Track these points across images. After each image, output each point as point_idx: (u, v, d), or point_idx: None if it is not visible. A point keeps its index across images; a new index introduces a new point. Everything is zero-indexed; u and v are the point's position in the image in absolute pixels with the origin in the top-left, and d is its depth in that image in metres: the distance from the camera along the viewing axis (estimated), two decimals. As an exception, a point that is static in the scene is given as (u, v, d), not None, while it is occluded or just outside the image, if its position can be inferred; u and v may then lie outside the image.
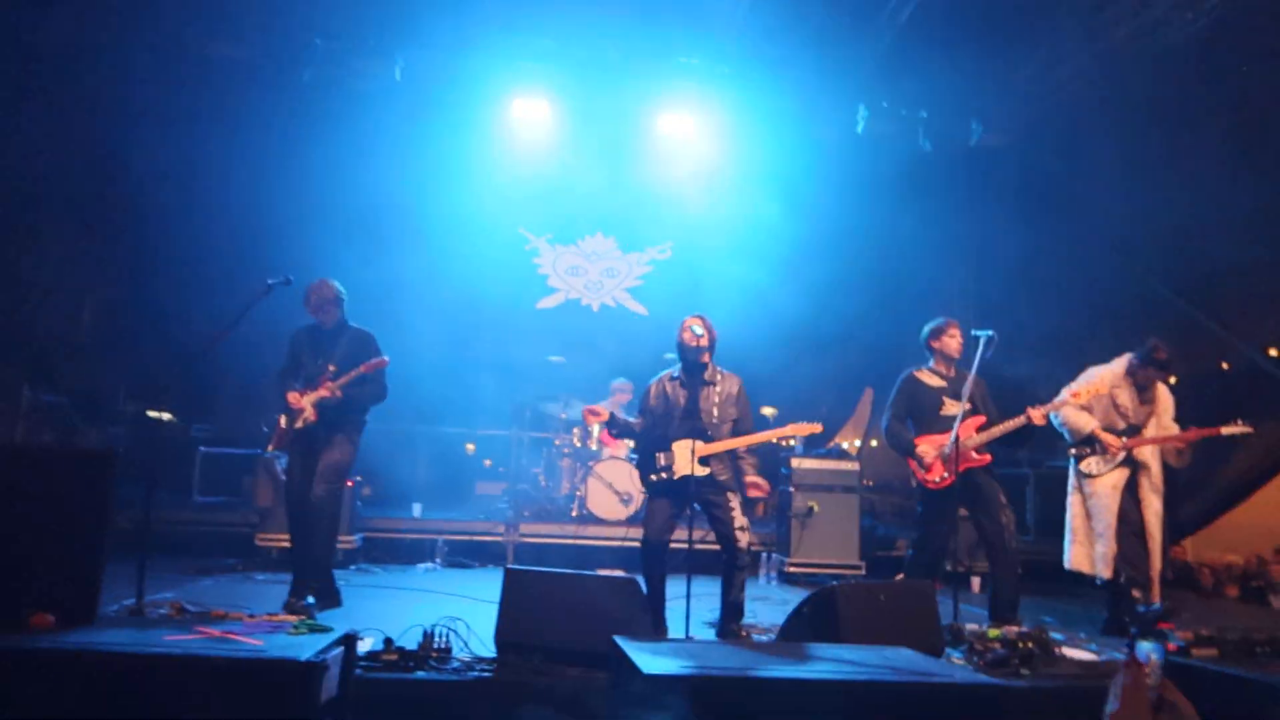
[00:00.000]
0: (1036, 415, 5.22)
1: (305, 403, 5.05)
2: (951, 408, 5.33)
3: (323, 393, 5.02)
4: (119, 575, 4.29)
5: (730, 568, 4.70)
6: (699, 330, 4.85)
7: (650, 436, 4.97)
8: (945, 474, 5.30)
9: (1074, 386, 5.53)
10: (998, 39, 8.32)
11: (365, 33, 8.58)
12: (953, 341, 5.53)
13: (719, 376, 4.97)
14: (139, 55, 8.28)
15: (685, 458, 4.74)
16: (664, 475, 4.81)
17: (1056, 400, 5.39)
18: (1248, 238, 7.68)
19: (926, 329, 5.64)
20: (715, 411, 4.86)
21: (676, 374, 5.01)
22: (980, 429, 5.36)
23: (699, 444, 4.72)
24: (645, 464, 4.96)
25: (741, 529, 4.68)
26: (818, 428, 4.96)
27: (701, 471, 4.73)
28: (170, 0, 8.12)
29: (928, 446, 5.38)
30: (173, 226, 8.46)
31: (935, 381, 5.52)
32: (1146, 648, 1.83)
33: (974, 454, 5.33)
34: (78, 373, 8.40)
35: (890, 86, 8.97)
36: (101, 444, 7.86)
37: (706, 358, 4.91)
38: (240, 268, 8.12)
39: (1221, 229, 7.72)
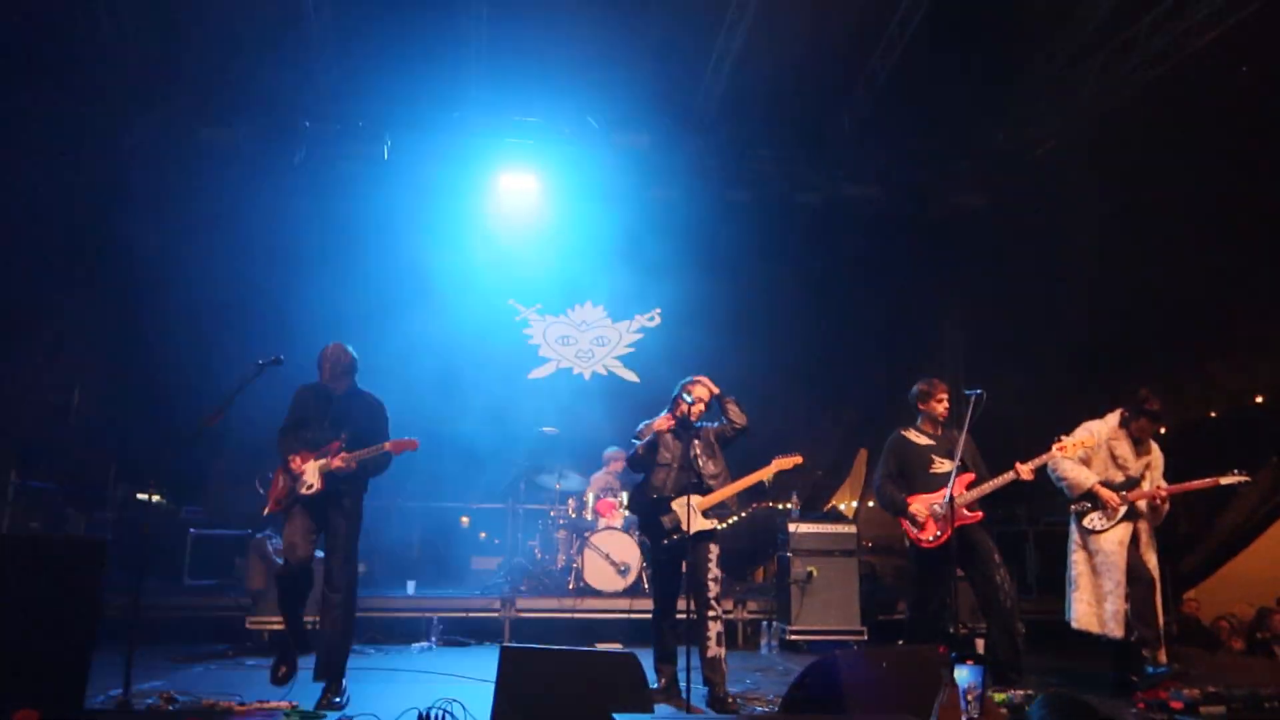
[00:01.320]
0: (1024, 470, 5.26)
1: (309, 469, 4.83)
2: (941, 465, 5.41)
3: (336, 463, 4.80)
4: (106, 664, 4.20)
5: (704, 620, 4.71)
6: (700, 394, 4.98)
7: (646, 494, 4.99)
8: (939, 532, 5.31)
9: (1064, 439, 5.55)
10: (969, 100, 8.58)
11: (354, 114, 8.79)
12: (939, 405, 5.62)
13: (709, 433, 5.07)
14: (129, 138, 8.43)
15: (692, 513, 4.76)
16: (675, 537, 4.78)
17: (1044, 455, 5.40)
18: (1228, 288, 7.82)
19: (914, 390, 5.71)
20: (709, 464, 4.94)
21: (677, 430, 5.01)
22: (970, 486, 5.37)
23: (697, 498, 4.77)
24: (652, 527, 4.94)
25: (714, 579, 4.75)
26: (798, 459, 5.06)
27: (708, 525, 4.79)
28: (161, 85, 8.31)
29: (920, 505, 5.40)
30: (163, 308, 8.50)
31: (923, 440, 5.57)
32: (965, 673, 1.88)
33: (965, 511, 5.33)
34: (66, 457, 8.34)
35: (865, 149, 9.18)
36: (90, 529, 7.76)
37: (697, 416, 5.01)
38: (233, 346, 8.15)
39: (1201, 280, 7.86)
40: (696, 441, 4.96)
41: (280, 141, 8.77)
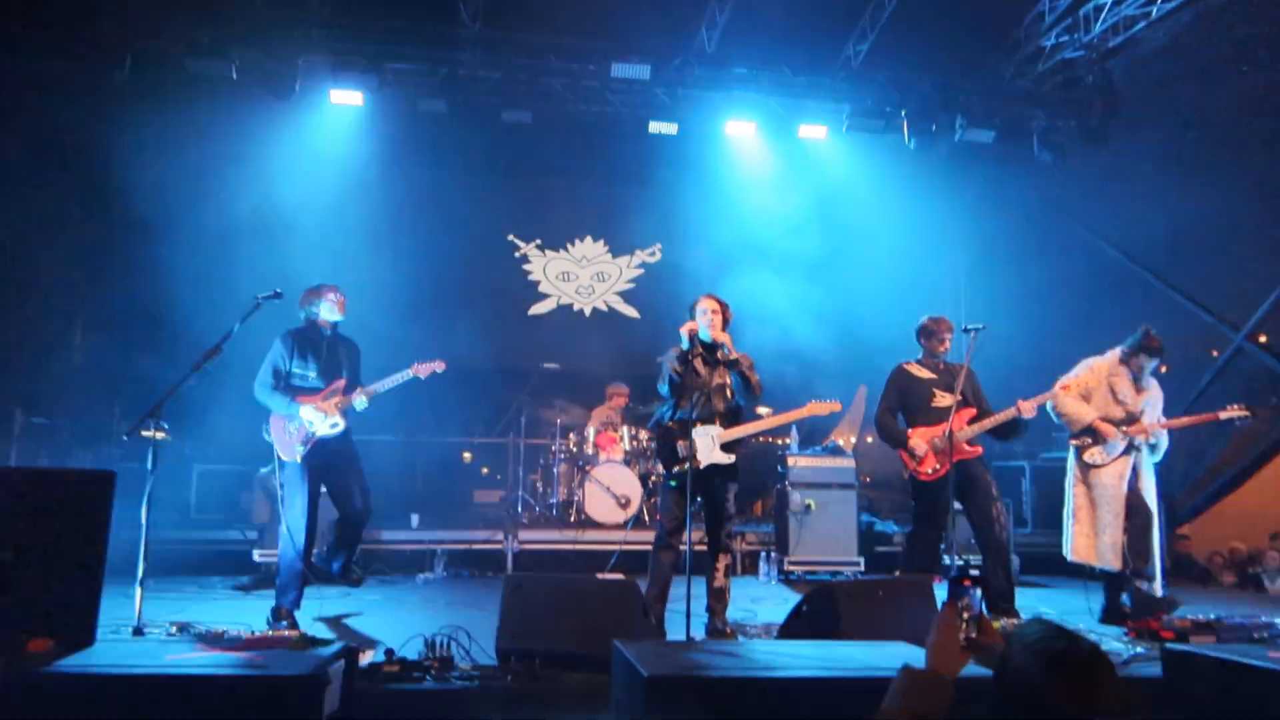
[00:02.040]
0: (1027, 407, 5.27)
1: (328, 408, 5.03)
2: (943, 399, 5.41)
3: (360, 398, 5.07)
4: (117, 596, 4.29)
5: (716, 554, 4.75)
6: (713, 307, 4.86)
7: (665, 420, 4.90)
8: (937, 465, 5.34)
9: (1066, 378, 5.57)
10: (979, 35, 8.39)
11: (349, 48, 8.58)
12: (941, 346, 5.59)
13: (734, 353, 4.85)
14: (122, 71, 8.25)
15: (707, 445, 4.68)
16: (685, 465, 4.62)
17: (1046, 394, 5.42)
18: (1235, 229, 7.75)
19: (920, 324, 5.69)
20: (719, 401, 4.80)
21: (690, 349, 4.85)
22: (971, 421, 5.40)
23: (720, 430, 4.70)
24: (664, 453, 4.83)
25: (729, 518, 4.80)
26: (837, 405, 5.02)
27: (725, 459, 4.72)
28: (154, 17, 8.11)
29: (919, 439, 5.42)
30: (162, 241, 8.45)
31: (925, 374, 5.57)
32: (962, 590, 1.93)
33: (966, 445, 5.37)
34: (70, 394, 8.38)
35: (874, 83, 9.00)
36: (96, 465, 7.84)
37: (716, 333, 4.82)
38: (232, 281, 8.12)
39: (1209, 220, 7.78)
40: (720, 371, 4.81)
41: (277, 74, 8.58)
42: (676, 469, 4.71)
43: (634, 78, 8.65)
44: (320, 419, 5.01)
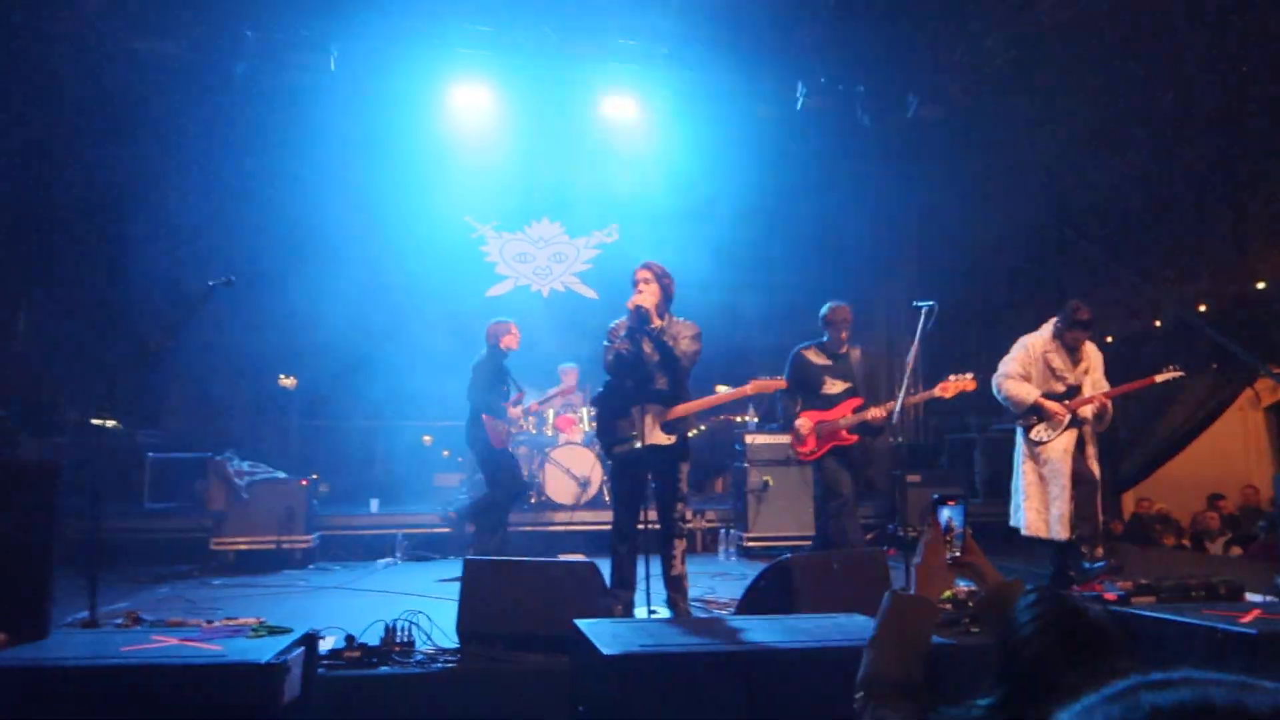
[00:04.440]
0: (877, 412, 5.48)
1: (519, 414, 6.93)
2: (833, 386, 5.64)
3: (534, 406, 7.12)
4: (71, 589, 4.22)
5: (669, 539, 4.57)
6: (643, 276, 4.63)
7: (605, 398, 4.70)
8: (815, 448, 5.58)
9: (1008, 360, 5.71)
10: (930, 11, 8.46)
11: (298, 23, 8.41)
12: (839, 334, 5.72)
13: (674, 326, 4.63)
14: (63, 51, 8.01)
15: (648, 425, 4.46)
16: (624, 447, 4.52)
17: (928, 392, 5.70)
18: (1176, 201, 7.96)
19: (822, 311, 5.83)
20: (661, 378, 4.53)
21: (630, 325, 4.58)
22: (856, 410, 5.57)
23: (661, 409, 4.49)
24: (605, 434, 4.68)
25: (681, 500, 4.61)
26: (781, 382, 5.01)
27: (665, 440, 4.50)
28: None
29: (805, 421, 5.61)
30: (110, 228, 8.25)
31: (820, 360, 5.76)
32: (946, 512, 1.97)
33: (844, 433, 5.57)
34: (16, 382, 8.17)
35: (828, 63, 9.05)
36: (44, 454, 7.66)
37: (652, 305, 4.55)
38: (180, 267, 7.96)
39: (1150, 192, 7.99)
40: (657, 347, 4.56)
41: (221, 53, 8.38)
42: (616, 449, 4.60)
43: (588, 53, 8.60)
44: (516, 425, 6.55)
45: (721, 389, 6.90)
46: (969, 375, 5.51)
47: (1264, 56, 7.35)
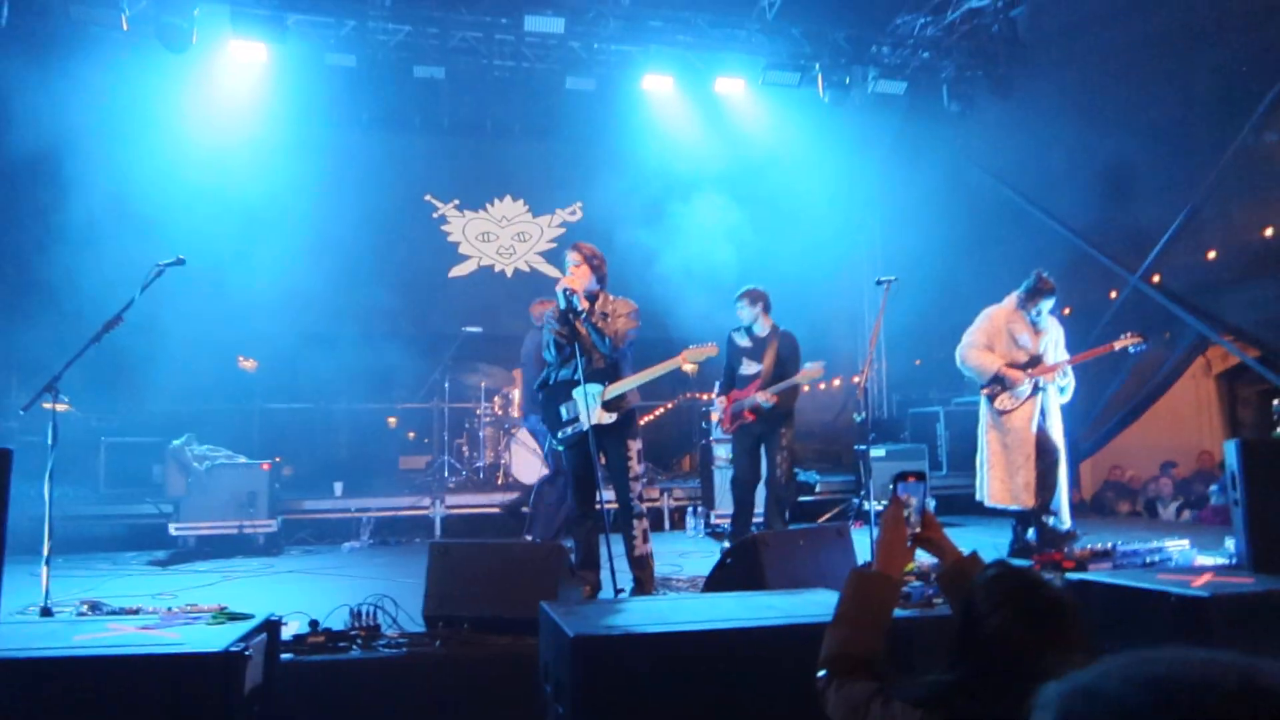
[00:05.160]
0: (761, 396, 5.80)
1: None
2: (749, 367, 6.02)
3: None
4: (24, 576, 4.12)
5: (629, 521, 4.57)
6: (573, 258, 4.64)
7: (549, 384, 4.69)
8: (730, 425, 6.04)
9: (972, 330, 5.77)
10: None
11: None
12: (754, 316, 6.05)
13: (609, 305, 4.63)
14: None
15: (589, 405, 4.46)
16: (570, 429, 4.54)
17: (794, 377, 5.85)
18: (1131, 172, 8.07)
19: (739, 292, 6.17)
20: (597, 355, 4.54)
21: (561, 308, 4.56)
22: (761, 388, 5.88)
23: (600, 388, 4.49)
24: (549, 418, 4.69)
25: (635, 478, 4.59)
26: (713, 349, 5.00)
27: (607, 418, 4.50)
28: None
29: (722, 400, 6.13)
30: (54, 207, 8.00)
31: (744, 343, 6.10)
32: (906, 488, 1.99)
33: (747, 412, 5.92)
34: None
35: (787, 37, 9.01)
36: (-6, 442, 7.46)
37: (582, 287, 4.56)
38: (133, 246, 7.74)
39: (1107, 164, 8.09)
40: (589, 328, 4.57)
41: (171, 25, 8.10)
42: (560, 433, 4.61)
43: (548, 31, 8.47)
44: None
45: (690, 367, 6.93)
46: (819, 363, 5.80)
47: (1213, 27, 7.45)
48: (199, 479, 6.59)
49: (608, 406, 4.53)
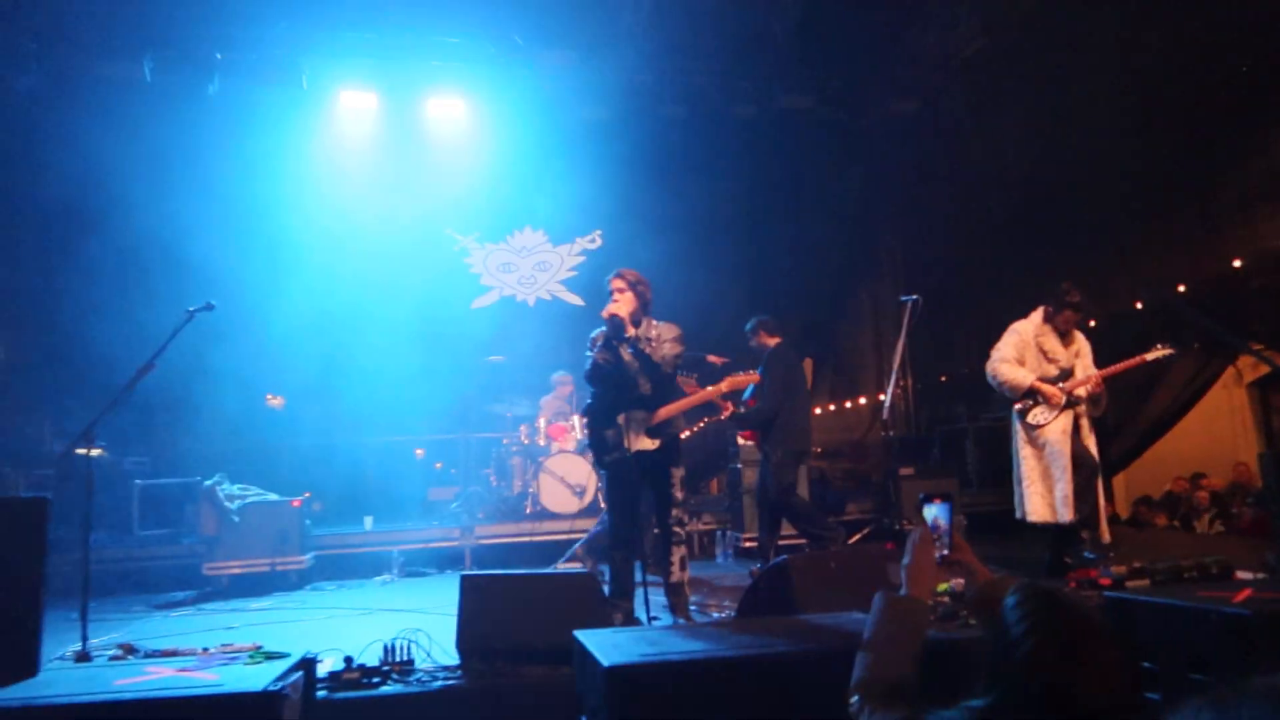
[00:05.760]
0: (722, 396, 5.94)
1: None
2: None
3: None
4: (60, 621, 4.18)
5: (667, 547, 4.56)
6: (617, 285, 4.61)
7: (592, 408, 4.72)
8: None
9: (1001, 345, 5.73)
10: (900, 6, 8.50)
11: (268, 43, 8.37)
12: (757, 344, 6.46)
13: (653, 330, 4.60)
14: (25, 79, 7.93)
15: (633, 432, 4.48)
16: (615, 455, 4.52)
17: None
18: (1150, 184, 8.02)
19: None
20: (644, 381, 4.54)
21: (607, 334, 4.56)
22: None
23: (644, 415, 4.49)
24: (595, 443, 4.71)
25: (676, 503, 4.59)
26: (755, 376, 5.01)
27: (650, 445, 4.51)
28: (58, 20, 7.79)
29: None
30: (82, 255, 8.18)
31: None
32: (934, 511, 1.97)
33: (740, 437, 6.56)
34: (-2, 415, 8.10)
35: (802, 60, 9.08)
36: (30, 489, 7.58)
37: (627, 314, 4.56)
38: (161, 291, 7.89)
39: (1125, 176, 8.04)
40: (635, 354, 4.56)
41: (192, 74, 8.33)
42: (607, 459, 4.60)
43: (565, 63, 8.60)
44: None
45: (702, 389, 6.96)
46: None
47: (1230, 38, 7.42)
48: (231, 518, 6.65)
49: (651, 433, 4.54)
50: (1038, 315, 5.74)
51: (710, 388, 4.93)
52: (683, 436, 4.83)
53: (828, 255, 9.67)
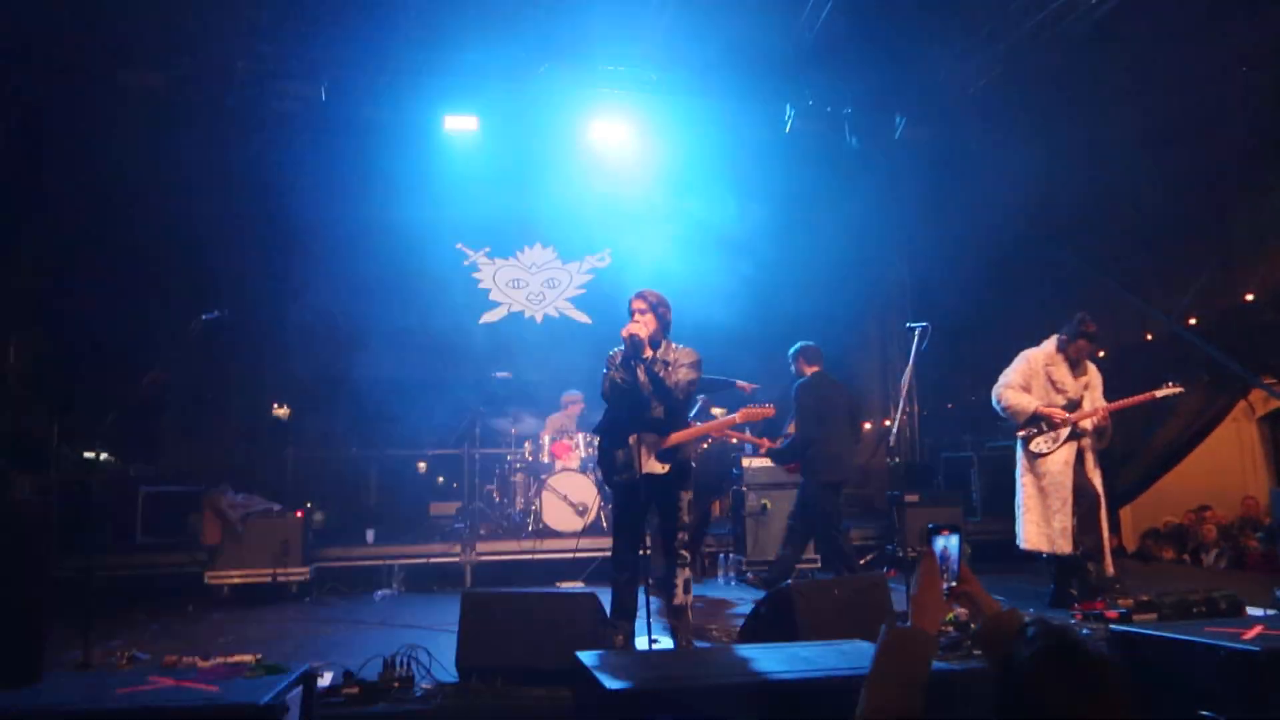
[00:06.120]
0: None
1: None
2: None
3: None
4: (63, 628, 4.17)
5: (672, 569, 4.55)
6: (638, 306, 4.61)
7: (603, 426, 4.71)
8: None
9: (1009, 371, 5.72)
10: (915, 34, 8.55)
11: (288, 55, 8.44)
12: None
13: (671, 353, 4.61)
14: (44, 87, 8.01)
15: (645, 454, 4.46)
16: (625, 475, 4.52)
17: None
18: (1161, 215, 8.02)
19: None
20: (658, 405, 4.52)
21: (625, 354, 4.55)
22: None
23: (656, 438, 4.48)
24: (604, 462, 4.70)
25: (683, 528, 4.59)
26: (770, 410, 4.99)
27: (660, 469, 4.49)
28: (73, 28, 7.86)
29: None
30: (98, 260, 8.23)
31: None
32: (942, 541, 1.95)
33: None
34: (6, 418, 8.11)
35: (815, 85, 9.12)
36: (35, 492, 7.59)
37: (647, 335, 4.56)
38: (173, 298, 7.93)
39: (1135, 206, 8.05)
40: (650, 376, 4.54)
41: (210, 84, 8.40)
42: (616, 478, 4.60)
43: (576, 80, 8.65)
44: None
45: (716, 412, 6.95)
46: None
47: (1247, 72, 7.44)
48: (234, 528, 6.65)
49: (662, 457, 4.51)
50: (1050, 344, 5.73)
51: (724, 418, 4.94)
52: (690, 463, 4.80)
53: (837, 279, 9.67)
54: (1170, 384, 5.62)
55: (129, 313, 7.98)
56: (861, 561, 7.83)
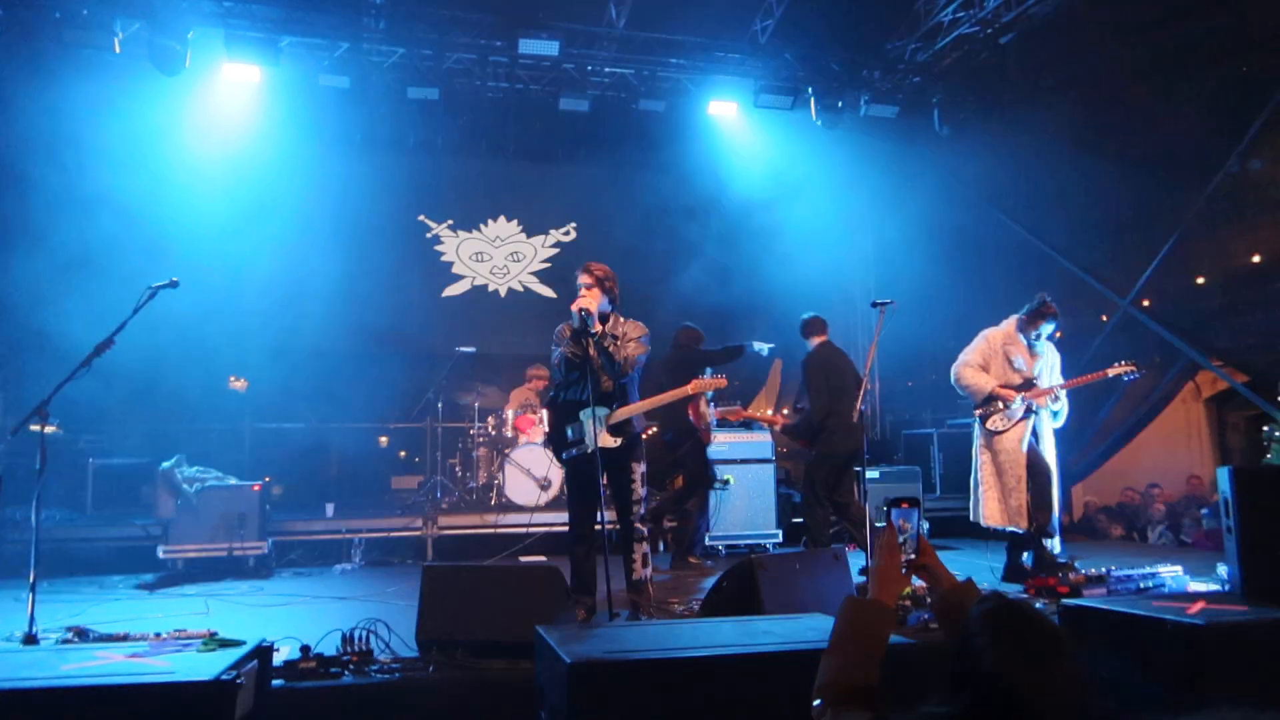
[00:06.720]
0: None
1: None
2: None
3: None
4: (8, 602, 4.06)
5: (629, 543, 4.56)
6: (584, 280, 4.56)
7: (558, 403, 4.70)
8: None
9: (968, 350, 5.79)
10: (880, 13, 8.55)
11: (239, 20, 8.18)
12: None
13: (620, 327, 4.59)
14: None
15: (594, 428, 4.43)
16: (574, 450, 4.53)
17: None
18: (1120, 199, 8.15)
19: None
20: (605, 379, 4.50)
21: (575, 328, 4.52)
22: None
23: (606, 411, 4.47)
24: (555, 439, 4.70)
25: (637, 501, 4.57)
26: (721, 381, 5.04)
27: (612, 442, 4.49)
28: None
29: None
30: (43, 227, 7.96)
31: None
32: (900, 515, 1.99)
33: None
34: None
35: (782, 61, 9.09)
36: (-20, 464, 7.38)
37: (596, 308, 4.52)
38: (122, 268, 7.70)
39: (1096, 190, 8.17)
40: (599, 350, 4.50)
41: (164, 48, 8.11)
42: (564, 454, 4.59)
43: (542, 54, 8.52)
44: None
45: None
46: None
47: (1202, 56, 7.56)
48: (189, 501, 6.53)
49: (613, 430, 4.51)
50: (1010, 323, 5.81)
51: (676, 390, 4.94)
52: (650, 433, 4.80)
53: (798, 256, 9.69)
54: (1123, 362, 5.73)
55: (77, 281, 7.73)
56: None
